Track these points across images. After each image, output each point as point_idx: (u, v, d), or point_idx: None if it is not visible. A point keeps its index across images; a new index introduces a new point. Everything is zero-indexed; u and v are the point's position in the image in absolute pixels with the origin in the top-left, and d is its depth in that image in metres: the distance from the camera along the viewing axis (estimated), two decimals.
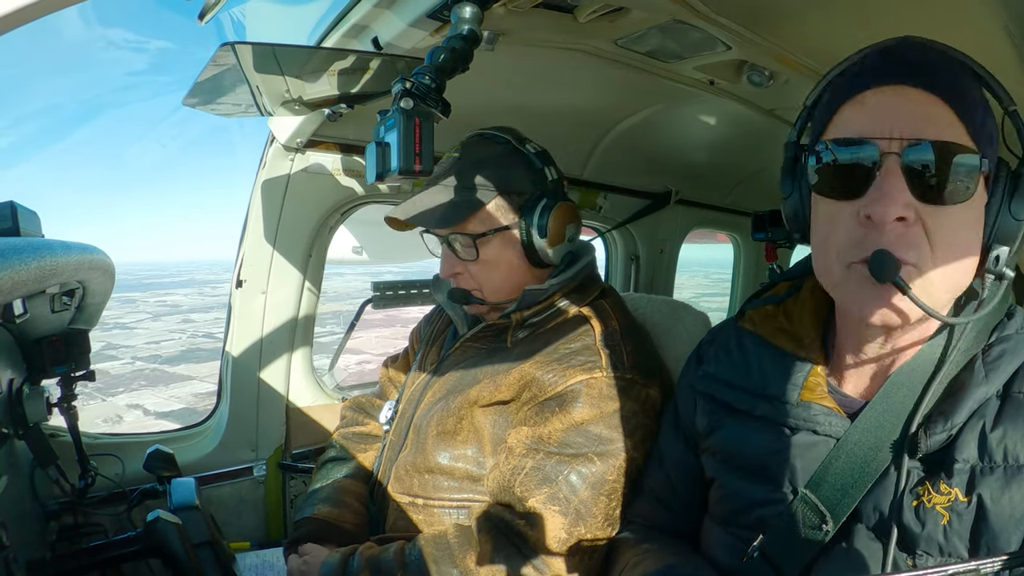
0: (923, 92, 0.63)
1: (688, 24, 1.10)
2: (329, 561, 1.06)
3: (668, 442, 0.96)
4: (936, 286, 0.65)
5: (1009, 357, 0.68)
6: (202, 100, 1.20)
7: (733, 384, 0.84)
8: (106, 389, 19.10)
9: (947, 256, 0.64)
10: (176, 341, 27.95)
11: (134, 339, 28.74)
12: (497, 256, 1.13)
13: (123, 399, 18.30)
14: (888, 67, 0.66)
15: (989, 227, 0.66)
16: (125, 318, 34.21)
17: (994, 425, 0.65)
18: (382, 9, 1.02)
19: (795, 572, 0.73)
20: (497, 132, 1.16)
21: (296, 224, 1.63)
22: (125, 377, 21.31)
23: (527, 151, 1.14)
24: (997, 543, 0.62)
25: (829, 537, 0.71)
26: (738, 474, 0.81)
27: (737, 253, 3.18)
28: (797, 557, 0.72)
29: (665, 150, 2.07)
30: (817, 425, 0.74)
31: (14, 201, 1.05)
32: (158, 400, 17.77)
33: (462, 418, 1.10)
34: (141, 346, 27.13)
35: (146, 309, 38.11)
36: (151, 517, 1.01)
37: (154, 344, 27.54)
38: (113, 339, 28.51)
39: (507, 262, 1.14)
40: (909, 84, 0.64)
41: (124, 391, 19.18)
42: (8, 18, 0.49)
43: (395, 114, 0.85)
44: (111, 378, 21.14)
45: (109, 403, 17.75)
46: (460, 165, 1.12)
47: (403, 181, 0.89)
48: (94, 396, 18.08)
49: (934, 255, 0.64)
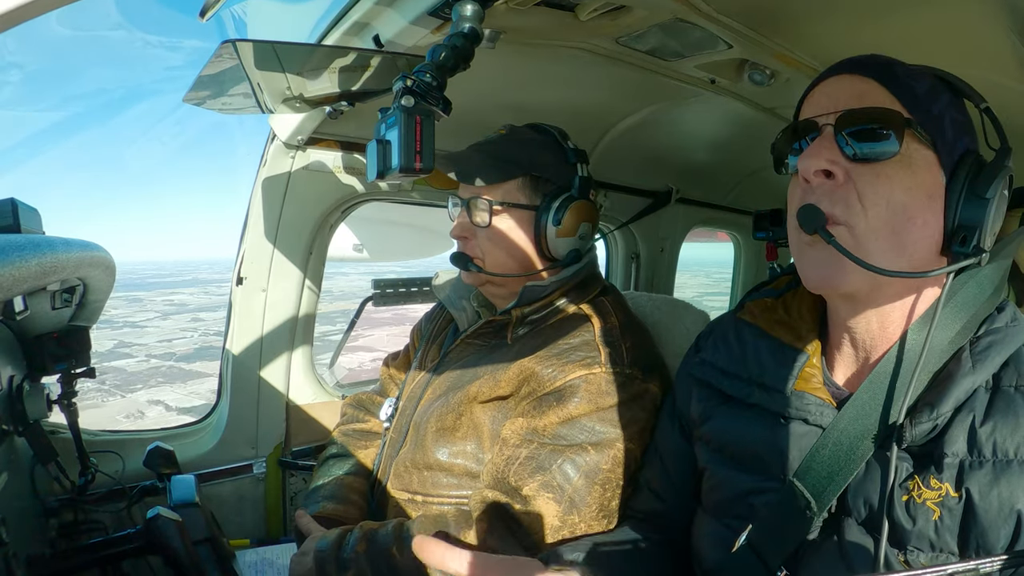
0: (859, 76, 0.71)
1: (689, 23, 1.10)
2: (326, 537, 1.07)
3: (664, 431, 0.97)
4: (871, 244, 0.67)
5: (998, 348, 0.68)
6: (203, 97, 1.20)
7: (729, 372, 0.85)
8: (125, 386, 19.41)
9: (879, 214, 0.67)
10: (189, 339, 28.16)
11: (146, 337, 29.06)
12: (508, 231, 1.15)
13: (143, 395, 18.64)
14: (836, 66, 0.75)
15: (952, 208, 0.68)
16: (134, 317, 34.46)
17: (984, 419, 0.65)
18: (383, 7, 1.02)
19: (779, 562, 0.73)
20: (546, 125, 1.21)
21: (297, 221, 1.63)
22: (142, 374, 21.58)
23: (566, 146, 1.19)
24: (986, 539, 0.62)
25: (814, 525, 0.71)
26: (730, 463, 0.82)
27: (738, 252, 3.18)
28: (782, 546, 0.73)
29: (666, 149, 2.07)
30: (809, 415, 0.74)
31: (15, 198, 1.05)
32: (178, 396, 18.04)
33: (461, 414, 1.10)
34: (154, 344, 27.44)
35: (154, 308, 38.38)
36: (151, 514, 1.01)
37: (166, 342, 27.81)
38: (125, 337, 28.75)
39: (516, 240, 1.15)
40: (848, 73, 0.73)
41: (143, 388, 19.52)
42: (8, 16, 0.49)
43: (396, 112, 0.84)
44: (128, 375, 21.39)
45: (129, 399, 18.09)
46: (502, 140, 1.17)
47: (404, 179, 0.89)
48: (113, 393, 18.35)
49: (866, 213, 0.67)
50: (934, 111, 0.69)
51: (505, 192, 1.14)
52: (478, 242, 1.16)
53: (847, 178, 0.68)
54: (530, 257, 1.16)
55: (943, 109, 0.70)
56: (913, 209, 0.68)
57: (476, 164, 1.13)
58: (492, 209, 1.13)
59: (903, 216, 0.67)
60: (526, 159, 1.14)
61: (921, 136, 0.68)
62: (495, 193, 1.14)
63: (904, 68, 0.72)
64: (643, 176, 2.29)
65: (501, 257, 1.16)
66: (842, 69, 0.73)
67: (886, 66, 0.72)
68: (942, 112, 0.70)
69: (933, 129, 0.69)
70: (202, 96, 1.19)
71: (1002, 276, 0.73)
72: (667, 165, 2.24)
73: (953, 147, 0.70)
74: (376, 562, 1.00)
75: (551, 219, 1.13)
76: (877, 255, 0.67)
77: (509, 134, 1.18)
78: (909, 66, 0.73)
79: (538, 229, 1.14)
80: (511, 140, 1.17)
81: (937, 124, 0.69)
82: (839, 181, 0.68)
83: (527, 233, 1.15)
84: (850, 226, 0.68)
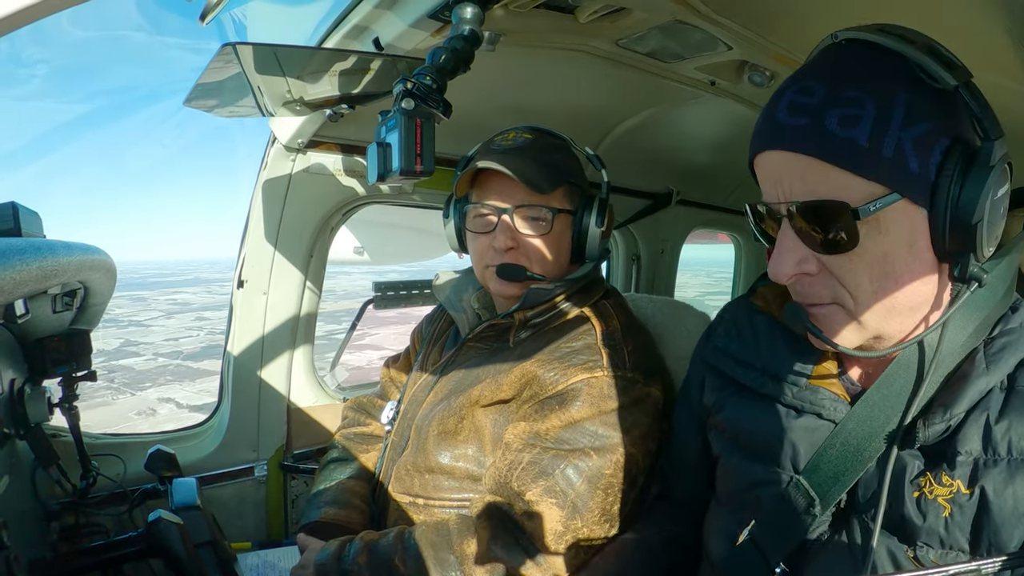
0: (792, 154, 0.64)
1: (689, 24, 1.10)
2: (326, 548, 1.07)
3: (680, 421, 0.97)
4: (865, 314, 0.67)
5: (1012, 349, 0.67)
6: (204, 101, 1.20)
7: (742, 361, 0.84)
8: (134, 384, 19.54)
9: (864, 290, 0.66)
10: (195, 338, 28.21)
11: (151, 336, 29.16)
12: (560, 236, 1.17)
13: (152, 393, 18.79)
14: (763, 132, 0.68)
15: (939, 238, 0.63)
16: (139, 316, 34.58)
17: (999, 418, 0.64)
18: (383, 10, 1.02)
19: (779, 559, 0.73)
20: (555, 131, 1.22)
21: (297, 224, 1.63)
22: (151, 372, 21.70)
23: (586, 152, 1.23)
24: (999, 537, 0.61)
25: (819, 522, 0.71)
26: (742, 452, 0.82)
27: (738, 253, 3.18)
28: (782, 544, 0.73)
29: (666, 150, 2.07)
30: (823, 409, 0.74)
31: (15, 202, 1.05)
32: (188, 394, 18.14)
33: (463, 418, 1.10)
34: (160, 343, 27.57)
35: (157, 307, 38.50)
36: (152, 517, 1.01)
37: (173, 341, 27.89)
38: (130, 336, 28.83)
39: (564, 245, 1.18)
40: (779, 148, 0.66)
41: (152, 386, 19.66)
42: (9, 19, 0.49)
43: (396, 114, 0.84)
44: (136, 373, 21.51)
45: (140, 397, 18.26)
46: (538, 144, 1.16)
47: (404, 182, 0.89)
48: (123, 391, 18.44)
49: (850, 292, 0.66)
50: (887, 154, 0.61)
51: (560, 198, 1.16)
52: (525, 250, 1.15)
53: (820, 267, 0.67)
54: (567, 261, 1.20)
55: (900, 138, 0.61)
56: (895, 271, 0.65)
57: (534, 173, 1.11)
58: (554, 217, 1.14)
59: (888, 282, 0.65)
60: (565, 166, 1.17)
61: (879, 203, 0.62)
62: (552, 200, 1.14)
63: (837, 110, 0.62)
64: (643, 178, 2.29)
65: (550, 263, 1.16)
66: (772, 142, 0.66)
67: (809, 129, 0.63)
68: (899, 144, 0.61)
69: (894, 176, 0.61)
70: (203, 100, 1.19)
71: (1013, 275, 0.73)
72: (667, 167, 2.24)
73: (925, 171, 0.62)
74: (378, 573, 1.00)
75: (594, 221, 1.15)
76: (874, 324, 0.68)
77: (536, 138, 1.17)
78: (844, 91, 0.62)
79: (579, 231, 1.17)
80: (546, 144, 1.17)
81: (897, 166, 0.61)
82: (814, 272, 0.68)
83: (568, 238, 1.18)
84: (840, 304, 0.68)
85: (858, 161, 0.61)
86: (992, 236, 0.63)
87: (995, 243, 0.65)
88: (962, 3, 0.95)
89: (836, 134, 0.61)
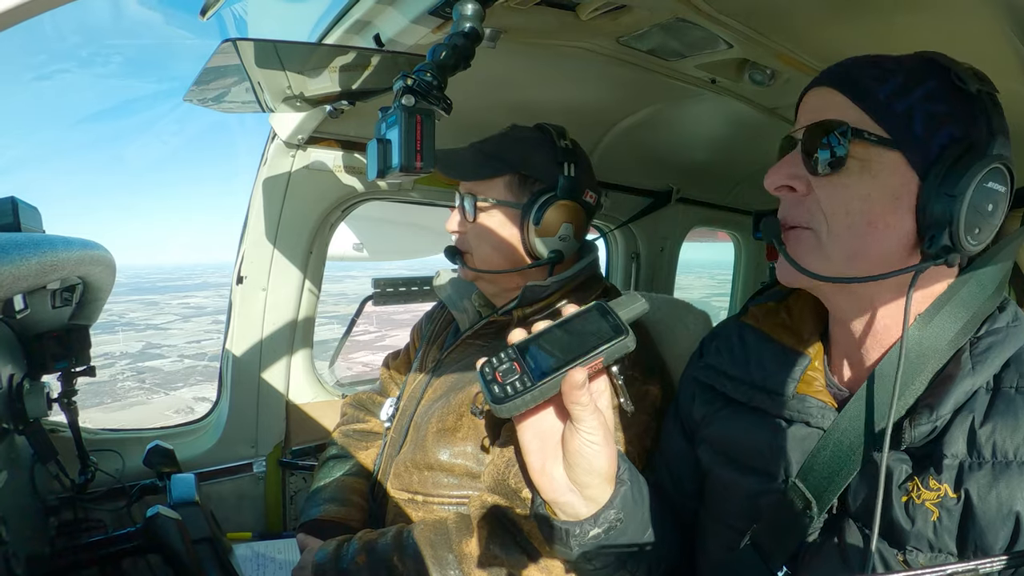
0: (826, 88, 0.73)
1: (690, 22, 1.10)
2: (325, 547, 1.07)
3: (668, 435, 0.97)
4: (832, 248, 0.70)
5: (998, 349, 0.67)
6: (204, 96, 1.20)
7: (732, 376, 0.85)
8: (166, 384, 19.98)
9: (839, 221, 0.69)
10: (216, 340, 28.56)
11: (171, 339, 29.54)
12: (494, 227, 1.16)
13: (187, 392, 19.15)
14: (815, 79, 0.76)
15: (921, 207, 0.67)
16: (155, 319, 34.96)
17: (984, 420, 0.64)
18: (384, 6, 1.02)
19: (782, 561, 0.73)
20: (547, 125, 1.21)
21: (297, 221, 1.63)
22: (180, 373, 22.14)
23: (558, 145, 1.18)
24: (984, 540, 0.62)
25: (815, 524, 0.71)
26: (732, 466, 0.82)
27: (738, 252, 3.18)
28: (784, 546, 0.73)
29: (666, 148, 2.07)
30: (811, 417, 0.75)
31: (15, 197, 1.05)
32: None
33: (462, 415, 1.10)
34: (183, 345, 27.88)
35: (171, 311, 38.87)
36: (151, 513, 1.01)
37: (196, 343, 28.21)
38: (151, 339, 29.17)
39: (502, 237, 1.17)
40: (819, 85, 0.74)
41: (184, 386, 20.06)
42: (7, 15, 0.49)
43: (396, 111, 0.84)
44: (166, 374, 21.96)
45: (174, 396, 18.95)
46: (499, 138, 1.18)
47: (404, 178, 0.89)
48: (156, 391, 18.80)
49: (827, 220, 0.70)
50: (898, 109, 0.67)
51: (490, 188, 1.15)
52: (467, 237, 1.19)
53: (809, 189, 0.72)
54: (516, 254, 1.17)
55: (914, 104, 0.67)
56: (872, 214, 0.68)
57: (466, 160, 1.15)
58: (477, 205, 1.15)
59: (862, 221, 0.68)
60: (516, 157, 1.15)
61: (879, 139, 0.67)
62: (482, 190, 1.16)
63: (874, 70, 0.70)
64: (643, 175, 2.29)
65: (486, 252, 1.17)
66: (815, 82, 0.75)
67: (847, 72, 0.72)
68: (911, 108, 0.67)
69: (897, 128, 0.67)
70: (203, 95, 1.19)
71: (1003, 275, 0.73)
72: (667, 165, 2.24)
73: (927, 142, 0.67)
74: (377, 572, 1.00)
75: (532, 218, 1.13)
76: (839, 258, 0.70)
77: (507, 132, 1.19)
78: (886, 64, 0.71)
79: (522, 227, 1.15)
80: (506, 138, 1.18)
81: (902, 122, 0.67)
82: (802, 193, 0.72)
83: (513, 231, 1.16)
84: (814, 231, 0.71)
85: (873, 104, 0.69)
86: (976, 225, 0.66)
87: (982, 237, 0.67)
88: (963, 3, 0.95)
89: (862, 80, 0.70)
